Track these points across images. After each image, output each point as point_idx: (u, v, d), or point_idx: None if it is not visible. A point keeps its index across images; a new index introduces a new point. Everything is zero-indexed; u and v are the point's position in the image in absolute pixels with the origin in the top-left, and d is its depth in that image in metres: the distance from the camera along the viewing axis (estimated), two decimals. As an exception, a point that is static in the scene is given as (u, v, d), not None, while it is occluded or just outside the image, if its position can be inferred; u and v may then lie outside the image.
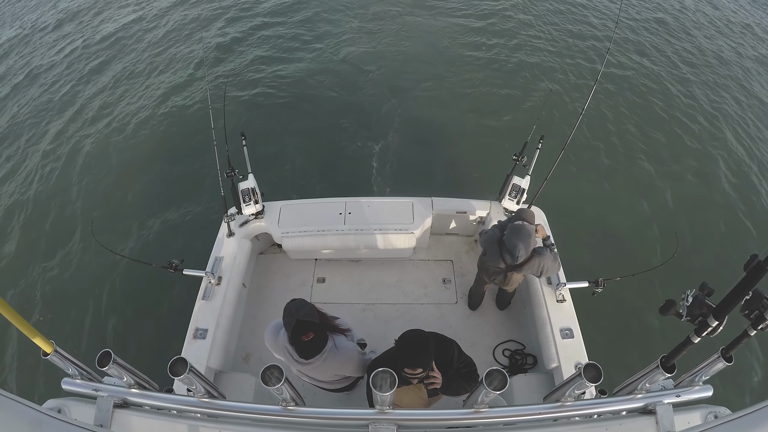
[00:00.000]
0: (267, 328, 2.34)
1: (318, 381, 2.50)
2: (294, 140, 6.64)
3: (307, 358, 2.10)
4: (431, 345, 1.91)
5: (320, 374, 2.36)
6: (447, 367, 2.07)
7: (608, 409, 1.42)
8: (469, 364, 2.19)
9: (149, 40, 9.23)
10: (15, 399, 0.96)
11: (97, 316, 4.76)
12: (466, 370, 2.16)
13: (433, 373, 1.96)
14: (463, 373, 2.15)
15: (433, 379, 1.96)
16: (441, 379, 1.98)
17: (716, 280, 1.29)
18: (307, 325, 1.99)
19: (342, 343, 2.25)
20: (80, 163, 6.49)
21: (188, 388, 1.44)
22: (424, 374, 1.91)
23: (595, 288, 3.01)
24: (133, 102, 7.57)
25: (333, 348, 2.18)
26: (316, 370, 2.25)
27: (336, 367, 2.27)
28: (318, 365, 2.15)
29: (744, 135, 7.01)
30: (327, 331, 2.18)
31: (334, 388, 2.63)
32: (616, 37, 8.74)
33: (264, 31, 9.25)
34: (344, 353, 2.23)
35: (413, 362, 1.86)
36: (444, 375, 2.03)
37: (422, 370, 1.87)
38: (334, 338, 2.23)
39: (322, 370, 2.27)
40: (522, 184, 3.48)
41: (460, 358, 2.17)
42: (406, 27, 9.18)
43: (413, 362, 1.86)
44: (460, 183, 5.96)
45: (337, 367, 2.27)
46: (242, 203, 3.44)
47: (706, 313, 1.26)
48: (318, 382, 2.52)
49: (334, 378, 2.45)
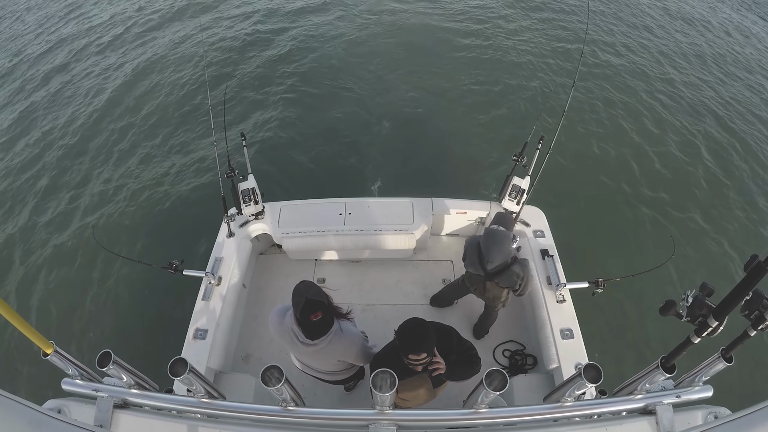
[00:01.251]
0: (272, 311, 2.32)
1: (319, 371, 2.48)
2: (294, 140, 6.64)
3: (313, 338, 2.09)
4: (431, 330, 1.94)
5: (323, 360, 2.34)
6: (448, 353, 2.10)
7: (608, 410, 1.42)
8: (469, 348, 2.21)
9: (149, 40, 9.25)
10: (15, 399, 0.96)
11: (97, 316, 4.76)
12: (467, 354, 2.18)
13: (436, 359, 1.98)
14: (465, 357, 2.17)
15: (437, 365, 1.98)
16: (444, 364, 2.01)
17: (716, 281, 1.29)
18: (317, 304, 2.00)
19: (347, 327, 2.24)
20: (80, 163, 6.50)
21: (188, 388, 1.44)
22: (428, 360, 1.93)
23: (595, 288, 3.01)
24: (133, 102, 7.58)
25: (338, 330, 2.17)
26: (319, 355, 2.23)
27: (340, 351, 2.25)
28: (322, 348, 2.14)
29: (745, 135, 7.02)
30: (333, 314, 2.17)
31: (335, 379, 2.60)
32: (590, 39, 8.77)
33: (264, 31, 9.27)
34: (349, 336, 2.22)
35: (416, 348, 1.88)
36: (446, 361, 2.05)
37: (426, 355, 1.90)
38: (340, 322, 2.22)
39: (324, 356, 2.26)
40: (522, 184, 3.47)
41: (460, 343, 2.19)
42: (408, 29, 9.20)
43: (416, 348, 1.88)
44: (460, 183, 5.96)
45: (340, 351, 2.25)
46: (242, 204, 3.44)
47: (706, 313, 1.26)
48: (319, 373, 2.50)
49: (337, 366, 2.42)
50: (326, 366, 2.42)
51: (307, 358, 2.34)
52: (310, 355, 2.23)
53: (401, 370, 2.00)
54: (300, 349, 2.18)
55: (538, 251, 3.40)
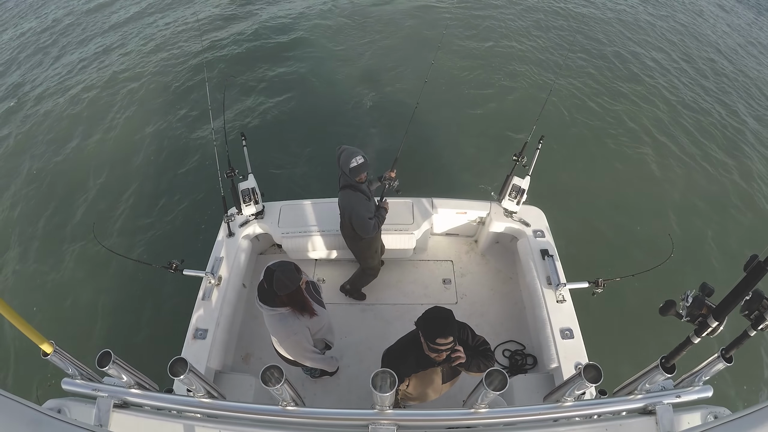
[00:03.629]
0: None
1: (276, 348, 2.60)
2: (294, 140, 6.64)
3: (261, 300, 2.29)
4: (454, 316, 2.01)
5: (271, 332, 2.48)
6: (465, 346, 2.16)
7: (608, 410, 1.42)
8: (484, 341, 2.29)
9: (148, 41, 9.24)
10: (15, 399, 0.96)
11: (97, 316, 4.76)
12: (483, 347, 2.26)
13: (457, 347, 2.04)
14: (482, 350, 2.24)
15: (459, 353, 2.04)
16: (464, 354, 2.07)
17: (716, 281, 1.29)
18: (270, 276, 2.17)
19: (288, 321, 2.32)
20: (81, 164, 6.50)
21: (188, 388, 1.44)
22: (454, 344, 1.99)
23: (595, 288, 3.01)
24: (132, 103, 7.58)
25: (281, 316, 2.31)
26: (268, 327, 2.42)
27: (273, 333, 2.42)
28: (266, 317, 2.36)
29: (745, 135, 7.02)
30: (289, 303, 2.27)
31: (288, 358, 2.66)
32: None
33: (264, 31, 9.26)
34: (283, 328, 2.34)
35: (445, 331, 1.94)
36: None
37: (453, 338, 1.96)
38: (290, 315, 2.31)
39: (270, 330, 2.44)
40: (522, 184, 3.47)
41: (474, 337, 2.28)
42: (406, 33, 9.18)
43: (445, 331, 1.94)
44: (460, 183, 5.96)
45: (273, 333, 2.42)
46: (242, 203, 3.44)
47: (706, 313, 1.26)
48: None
49: (279, 347, 2.53)
50: (275, 341, 2.55)
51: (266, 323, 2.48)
52: (265, 318, 2.41)
53: (416, 363, 2.10)
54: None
55: (538, 251, 3.40)
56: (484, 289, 3.79)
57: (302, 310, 2.34)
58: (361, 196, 2.95)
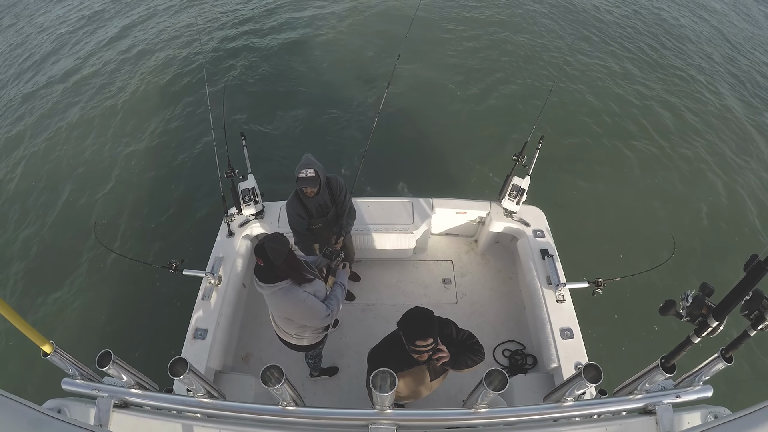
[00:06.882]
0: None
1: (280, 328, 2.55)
2: (294, 140, 6.64)
3: (260, 280, 2.21)
4: (435, 317, 1.98)
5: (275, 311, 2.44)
6: (449, 342, 2.13)
7: (608, 410, 1.42)
8: (470, 336, 2.24)
9: (148, 41, 9.24)
10: (15, 399, 0.96)
11: (97, 316, 4.76)
12: (468, 342, 2.21)
13: (440, 347, 2.01)
14: (467, 345, 2.19)
15: (441, 353, 2.01)
16: (448, 353, 2.04)
17: (716, 281, 1.29)
18: (261, 250, 2.06)
19: (292, 292, 2.24)
20: (81, 164, 6.50)
21: (188, 388, 1.44)
22: (434, 345, 1.96)
23: (595, 288, 3.01)
24: (132, 102, 7.58)
25: (285, 288, 2.22)
26: (271, 304, 2.36)
27: (284, 308, 2.32)
28: (268, 295, 2.27)
29: (745, 134, 7.02)
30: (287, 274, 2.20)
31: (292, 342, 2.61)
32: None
33: (265, 31, 9.26)
34: (292, 298, 2.25)
35: (424, 333, 1.90)
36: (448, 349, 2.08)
37: (432, 340, 1.92)
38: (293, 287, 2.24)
39: (274, 307, 2.37)
40: (522, 184, 3.48)
41: (459, 332, 2.23)
42: (407, 37, 9.16)
43: (424, 333, 1.90)
44: (460, 183, 5.96)
45: (284, 308, 2.32)
46: (242, 203, 3.45)
47: (706, 313, 1.26)
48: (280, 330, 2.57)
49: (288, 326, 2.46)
50: (279, 320, 2.49)
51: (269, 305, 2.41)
52: (267, 300, 2.33)
53: (400, 362, 2.05)
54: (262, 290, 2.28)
55: (538, 251, 3.40)
56: (484, 289, 3.79)
57: (301, 278, 2.26)
58: (296, 204, 2.89)
